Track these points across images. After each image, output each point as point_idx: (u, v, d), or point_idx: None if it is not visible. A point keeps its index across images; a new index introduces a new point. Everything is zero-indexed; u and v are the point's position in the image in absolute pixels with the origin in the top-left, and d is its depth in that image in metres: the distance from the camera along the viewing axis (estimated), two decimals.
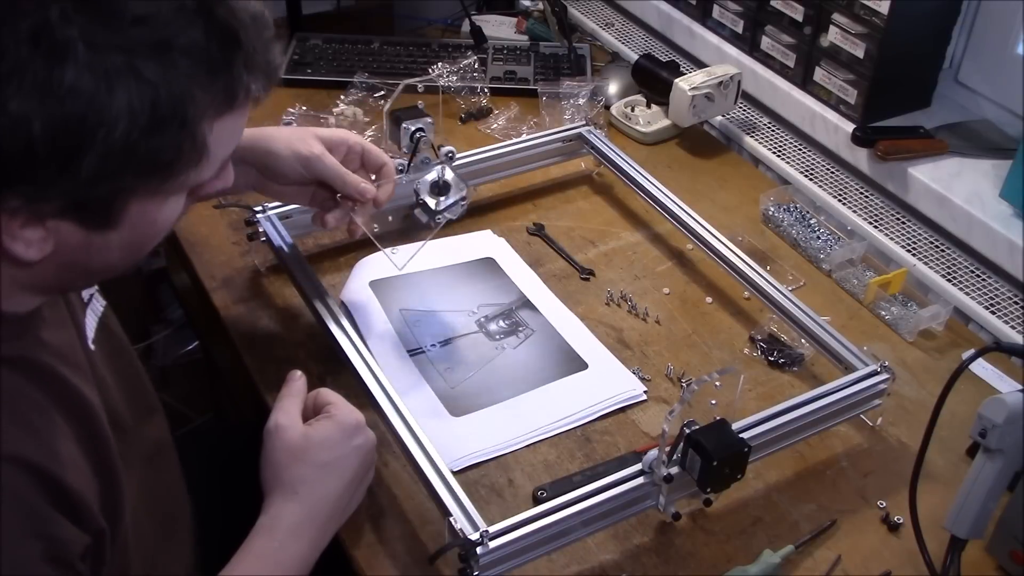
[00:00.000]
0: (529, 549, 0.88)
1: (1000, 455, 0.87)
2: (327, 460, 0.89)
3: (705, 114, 1.50)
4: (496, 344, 1.16)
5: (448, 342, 1.16)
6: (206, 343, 1.91)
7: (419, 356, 1.14)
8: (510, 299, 1.22)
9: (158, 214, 0.70)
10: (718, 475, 0.91)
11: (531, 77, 1.64)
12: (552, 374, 1.12)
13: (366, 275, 1.23)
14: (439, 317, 1.19)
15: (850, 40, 1.38)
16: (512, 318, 1.19)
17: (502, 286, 1.24)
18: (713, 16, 1.63)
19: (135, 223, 0.68)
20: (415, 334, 1.16)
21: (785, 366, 1.16)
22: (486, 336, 1.17)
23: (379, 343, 1.15)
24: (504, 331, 1.18)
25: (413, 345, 1.15)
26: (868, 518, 1.00)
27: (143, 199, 0.67)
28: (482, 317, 1.19)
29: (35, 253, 0.65)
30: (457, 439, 1.04)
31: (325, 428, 0.90)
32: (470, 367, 1.12)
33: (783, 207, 1.37)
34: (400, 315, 1.18)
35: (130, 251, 0.71)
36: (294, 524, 0.86)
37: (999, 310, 1.23)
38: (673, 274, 1.29)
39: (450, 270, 1.26)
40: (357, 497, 0.93)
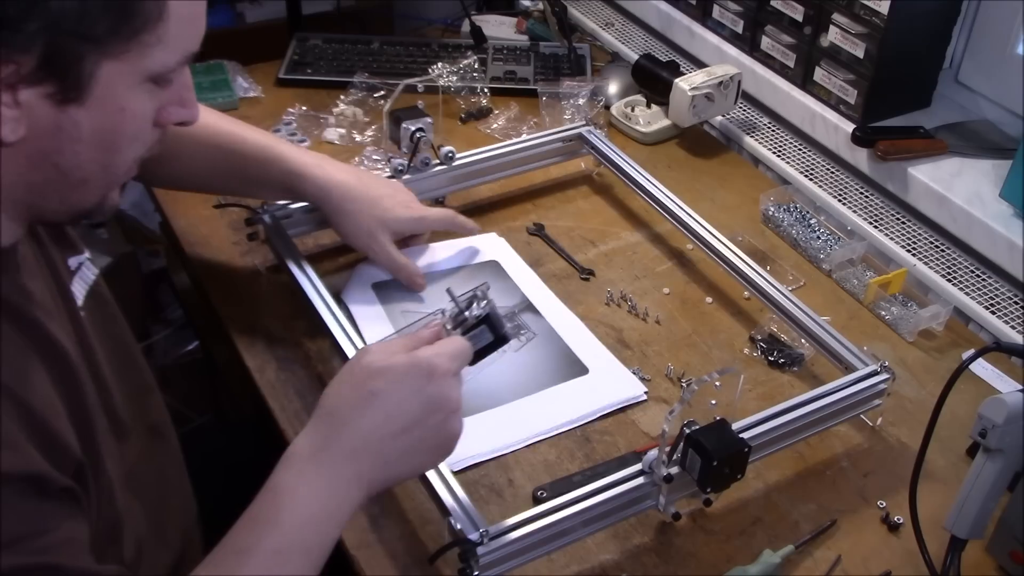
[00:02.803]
0: (529, 549, 0.88)
1: (1000, 455, 0.87)
2: (378, 389, 0.78)
3: (705, 114, 1.50)
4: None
5: None
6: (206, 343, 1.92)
7: None
8: (513, 302, 1.21)
9: (125, 99, 0.70)
10: (718, 475, 0.91)
11: (531, 77, 1.64)
12: (553, 378, 1.11)
13: (369, 277, 1.23)
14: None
15: (850, 40, 1.38)
16: (514, 321, 1.18)
17: (506, 290, 1.23)
18: (713, 16, 1.64)
19: (103, 101, 0.69)
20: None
21: (785, 366, 1.16)
22: None
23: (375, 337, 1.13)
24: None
25: None
26: (868, 518, 1.00)
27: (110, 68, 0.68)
28: None
29: (10, 133, 0.66)
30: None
31: (398, 358, 0.80)
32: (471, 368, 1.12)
33: (783, 207, 1.37)
34: (402, 317, 1.18)
35: (100, 147, 0.71)
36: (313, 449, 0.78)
37: (999, 310, 1.23)
38: (673, 274, 1.29)
39: (454, 273, 1.25)
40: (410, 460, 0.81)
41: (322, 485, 0.77)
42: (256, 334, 1.17)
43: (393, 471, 0.80)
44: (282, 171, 1.14)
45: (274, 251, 1.21)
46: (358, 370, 0.80)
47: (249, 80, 1.61)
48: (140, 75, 0.70)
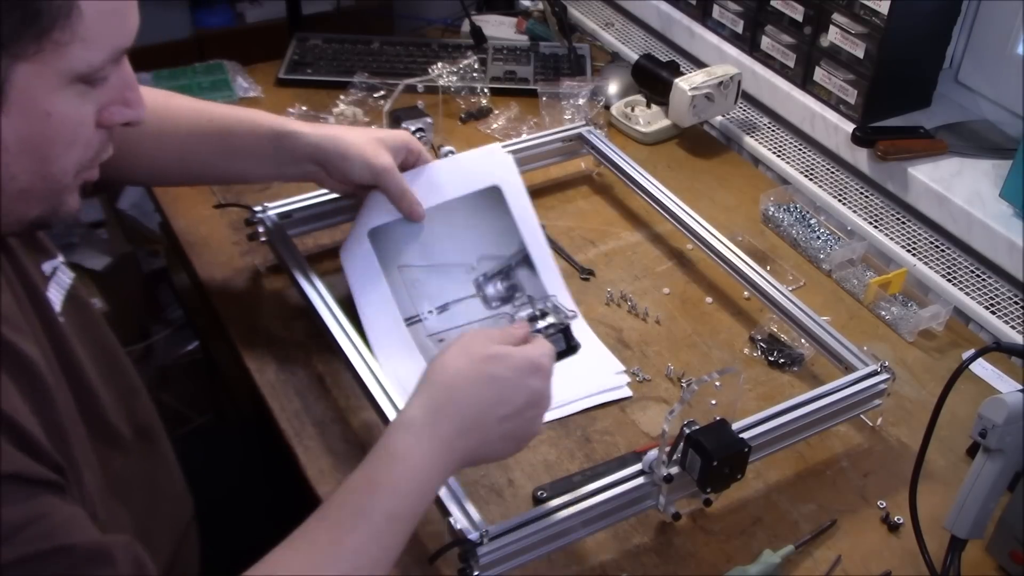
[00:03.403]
0: (529, 549, 0.88)
1: (1000, 455, 0.87)
2: (501, 376, 0.82)
3: (705, 114, 1.50)
4: (491, 313, 1.15)
5: (445, 308, 1.15)
6: (206, 343, 1.92)
7: (416, 326, 1.13)
8: (510, 251, 1.18)
9: (50, 103, 0.68)
10: (718, 475, 0.91)
11: (531, 77, 1.64)
12: None
13: (366, 224, 1.15)
14: (439, 275, 1.16)
15: (850, 40, 1.38)
16: (510, 279, 1.16)
17: (504, 231, 1.19)
18: (713, 16, 1.64)
19: (24, 108, 0.67)
20: (412, 297, 1.14)
21: (785, 366, 1.16)
22: (483, 302, 1.16)
23: (374, 311, 1.12)
24: (501, 296, 1.16)
25: (410, 312, 1.14)
26: (868, 518, 1.00)
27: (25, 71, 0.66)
28: (481, 276, 1.17)
29: None
30: None
31: (513, 351, 0.84)
32: None
33: (783, 207, 1.37)
34: (398, 274, 1.15)
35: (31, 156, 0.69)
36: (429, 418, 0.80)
37: (999, 310, 1.23)
38: (673, 274, 1.29)
39: (453, 208, 1.18)
40: (501, 446, 0.84)
41: (435, 454, 0.79)
42: (256, 334, 1.17)
43: (485, 452, 0.84)
44: (269, 135, 1.09)
45: (274, 251, 1.21)
46: (474, 352, 0.83)
47: (249, 80, 1.62)
48: (62, 76, 0.68)
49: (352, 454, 1.02)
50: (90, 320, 0.90)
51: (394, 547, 0.78)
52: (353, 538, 0.75)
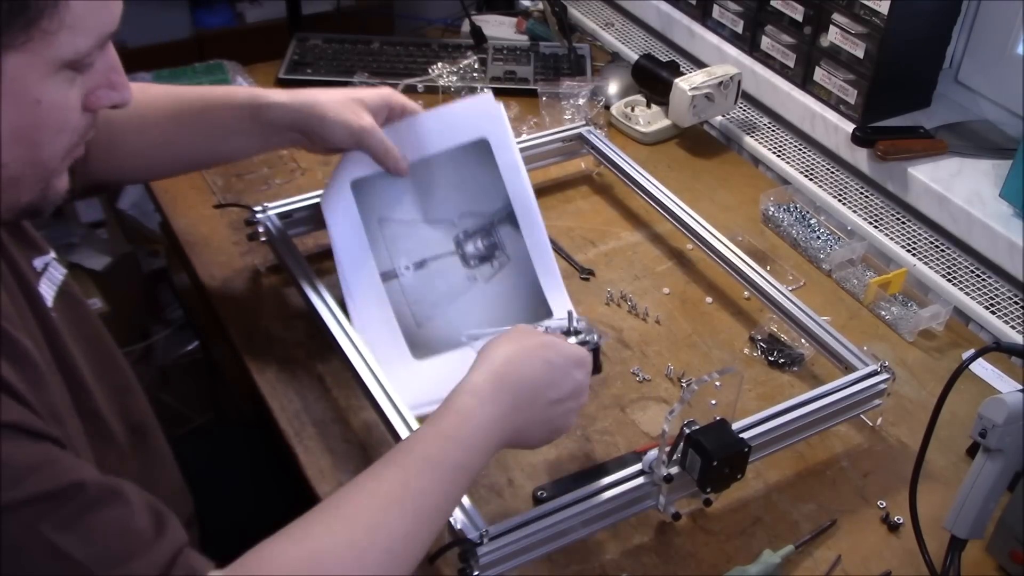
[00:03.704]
0: (529, 549, 0.88)
1: (1000, 455, 0.87)
2: (553, 362, 0.88)
3: (705, 114, 1.50)
4: (469, 273, 1.13)
5: (423, 264, 1.13)
6: (206, 343, 1.92)
7: (392, 283, 1.12)
8: (494, 207, 1.14)
9: (40, 90, 0.69)
10: (718, 475, 0.91)
11: (531, 77, 1.64)
12: (519, 319, 1.06)
13: (348, 173, 1.13)
14: (419, 230, 1.14)
15: (850, 40, 1.38)
16: (491, 237, 1.13)
17: (489, 186, 1.14)
18: (713, 16, 1.64)
19: (14, 96, 0.67)
20: (390, 252, 1.12)
21: (785, 366, 1.16)
22: (461, 261, 1.13)
23: (352, 264, 1.11)
24: (480, 255, 1.13)
25: (387, 266, 1.12)
26: (868, 518, 1.00)
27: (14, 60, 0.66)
28: (461, 233, 1.14)
29: None
30: (417, 385, 1.03)
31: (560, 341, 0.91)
32: (439, 301, 1.09)
33: (783, 207, 1.37)
34: (378, 227, 1.13)
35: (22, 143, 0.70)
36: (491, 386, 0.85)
37: (999, 310, 1.23)
38: (673, 274, 1.29)
39: (438, 162, 1.15)
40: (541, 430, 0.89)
41: (495, 420, 0.84)
42: (256, 334, 1.17)
43: (528, 434, 0.88)
44: (247, 108, 1.08)
45: (274, 251, 1.21)
46: (529, 339, 0.89)
47: (249, 80, 1.62)
48: (51, 64, 0.69)
49: (352, 454, 1.02)
50: (83, 317, 0.90)
51: (455, 497, 0.82)
52: (420, 481, 0.78)
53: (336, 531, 0.73)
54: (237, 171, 1.42)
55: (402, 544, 0.75)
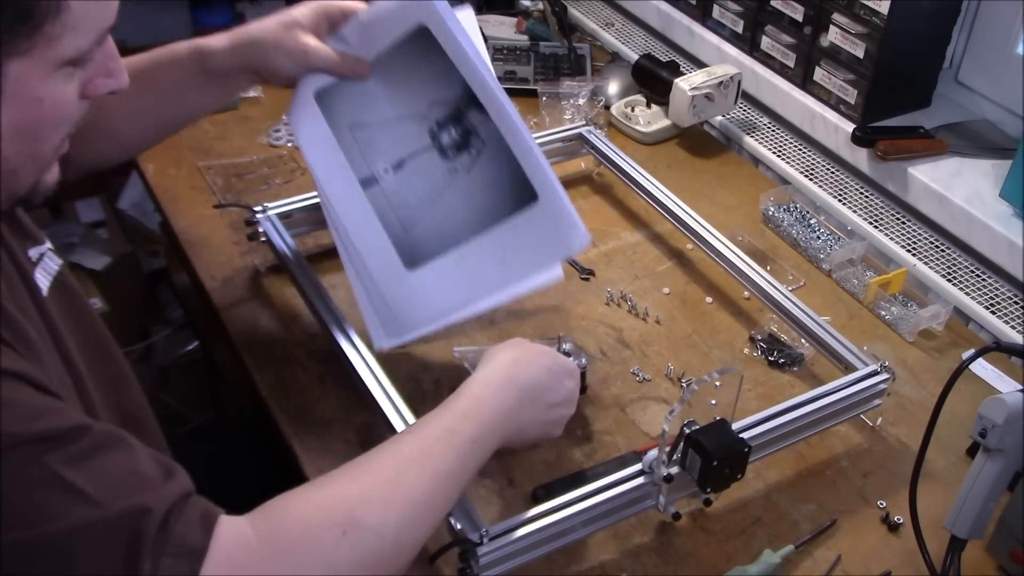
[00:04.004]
0: (529, 549, 0.88)
1: (1000, 455, 0.87)
2: (552, 367, 0.94)
3: (705, 114, 1.50)
4: (449, 166, 1.06)
5: (401, 165, 1.08)
6: (206, 343, 1.92)
7: (373, 189, 1.08)
8: (457, 92, 1.04)
9: (42, 89, 0.70)
10: (718, 475, 0.91)
11: (531, 77, 1.64)
12: (504, 208, 1.02)
13: (310, 85, 1.09)
14: (392, 129, 1.08)
15: (850, 40, 1.38)
16: (462, 123, 1.05)
17: (445, 72, 1.05)
18: (713, 16, 1.64)
19: (18, 97, 0.68)
20: (366, 157, 1.08)
21: (785, 366, 1.16)
22: (439, 153, 1.07)
23: (330, 178, 1.08)
24: (456, 144, 1.06)
25: (365, 172, 1.08)
26: (868, 518, 1.00)
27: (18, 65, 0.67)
28: (434, 123, 1.07)
29: None
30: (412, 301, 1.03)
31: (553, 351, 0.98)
32: (423, 200, 1.05)
33: (783, 207, 1.37)
34: (350, 134, 1.08)
35: (23, 139, 0.71)
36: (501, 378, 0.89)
37: (999, 310, 1.23)
38: (673, 274, 1.29)
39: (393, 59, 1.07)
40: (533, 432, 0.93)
41: (504, 411, 0.87)
42: (256, 334, 1.17)
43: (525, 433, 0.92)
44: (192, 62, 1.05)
45: (274, 251, 1.21)
46: (528, 346, 0.94)
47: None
48: (52, 64, 0.70)
49: (352, 454, 1.01)
50: (78, 307, 0.91)
51: (470, 469, 0.83)
52: (438, 447, 0.81)
53: (360, 481, 0.76)
54: (237, 171, 1.42)
55: (424, 499, 0.77)
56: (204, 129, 1.52)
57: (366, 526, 0.72)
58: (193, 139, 1.49)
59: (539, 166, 1.00)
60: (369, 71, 1.06)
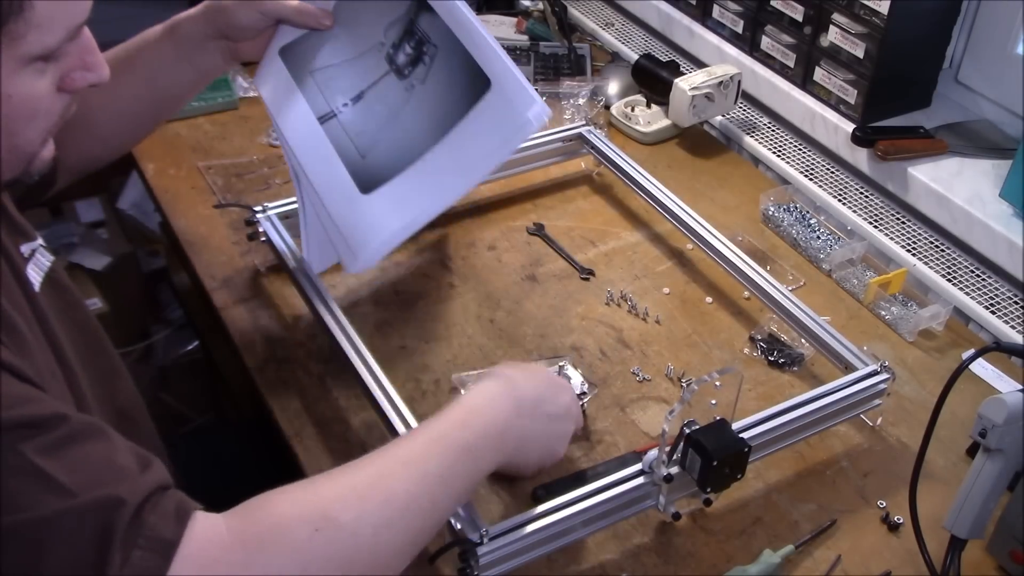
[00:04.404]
0: (529, 549, 0.88)
1: (1000, 455, 0.87)
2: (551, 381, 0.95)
3: (705, 114, 1.50)
4: (406, 84, 1.04)
5: (360, 97, 1.06)
6: (206, 343, 1.92)
7: (330, 122, 1.06)
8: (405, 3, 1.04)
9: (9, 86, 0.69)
10: (718, 475, 0.91)
11: (531, 77, 1.64)
12: (460, 107, 0.99)
13: (276, 43, 1.09)
14: (351, 66, 1.07)
15: (850, 40, 1.38)
16: (415, 34, 1.04)
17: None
18: (713, 16, 1.63)
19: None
20: (326, 95, 1.06)
21: (785, 366, 1.16)
22: (396, 75, 1.05)
23: (292, 123, 1.06)
24: (411, 59, 1.04)
25: (324, 109, 1.06)
26: (868, 518, 1.00)
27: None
28: (390, 48, 1.05)
29: None
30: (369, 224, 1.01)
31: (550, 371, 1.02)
32: (382, 125, 1.02)
33: (783, 207, 1.37)
34: (311, 79, 1.07)
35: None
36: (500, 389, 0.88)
37: (999, 310, 1.23)
38: (673, 274, 1.29)
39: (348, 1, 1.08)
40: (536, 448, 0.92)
41: (500, 421, 0.85)
42: (256, 334, 1.17)
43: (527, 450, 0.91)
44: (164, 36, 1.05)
45: (274, 251, 1.21)
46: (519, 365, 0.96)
47: (249, 80, 1.61)
48: (19, 61, 0.69)
49: (352, 454, 1.02)
50: (70, 303, 0.91)
51: (462, 475, 0.81)
52: (424, 452, 0.79)
53: (339, 481, 0.75)
54: (237, 171, 1.42)
55: (404, 501, 0.75)
56: (204, 129, 1.52)
57: (340, 524, 0.71)
58: (193, 139, 1.49)
59: (490, 51, 0.99)
60: (333, 21, 1.06)
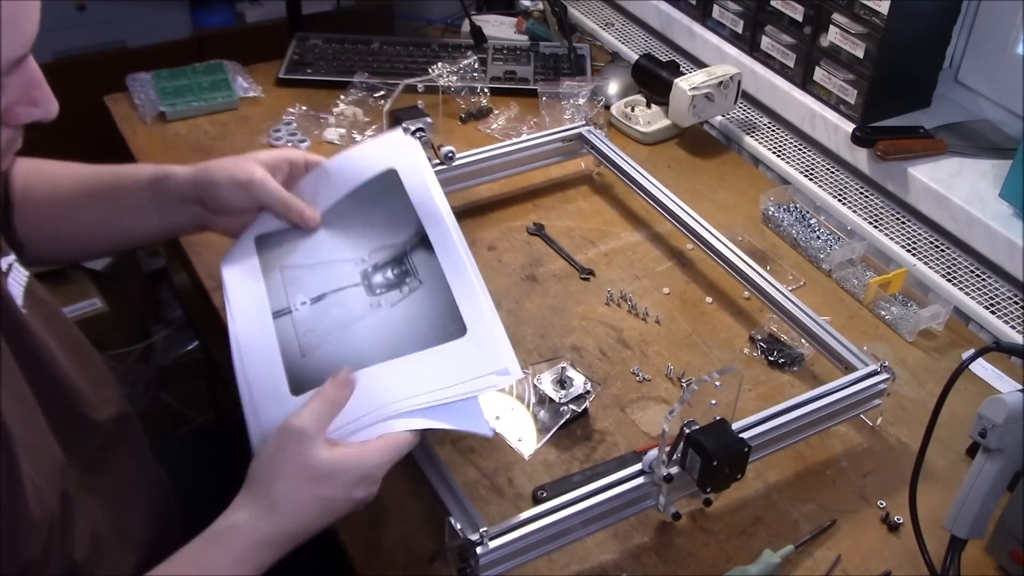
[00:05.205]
0: (529, 549, 0.88)
1: (1000, 455, 0.87)
2: (327, 496, 0.81)
3: (705, 114, 1.50)
4: (373, 300, 0.98)
5: (321, 298, 0.99)
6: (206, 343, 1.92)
7: (283, 319, 0.98)
8: (406, 235, 1.01)
9: None
10: (718, 475, 0.91)
11: (531, 77, 1.65)
12: (423, 340, 0.93)
13: (255, 229, 1.05)
14: (321, 269, 1.02)
15: (850, 40, 1.38)
16: (402, 265, 1.00)
17: (400, 212, 1.02)
18: (713, 16, 1.64)
19: None
20: (288, 292, 1.00)
21: (785, 366, 1.16)
22: (366, 290, 0.99)
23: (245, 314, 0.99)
24: (388, 283, 0.99)
25: (281, 305, 0.99)
26: (868, 518, 1.00)
27: None
28: (370, 267, 1.01)
29: None
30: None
31: (345, 463, 0.82)
32: (332, 328, 0.96)
33: (783, 207, 1.37)
34: (279, 274, 1.02)
35: None
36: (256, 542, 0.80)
37: (999, 310, 1.23)
38: (673, 274, 1.29)
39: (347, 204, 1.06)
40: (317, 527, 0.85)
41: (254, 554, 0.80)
42: None
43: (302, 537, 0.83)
44: (148, 181, 1.03)
45: None
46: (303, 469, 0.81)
47: (249, 80, 1.62)
48: None
49: None
50: (52, 314, 0.91)
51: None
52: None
53: None
54: None
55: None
56: (204, 129, 1.52)
57: None
58: (193, 139, 1.49)
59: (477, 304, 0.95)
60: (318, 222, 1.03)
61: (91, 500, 0.87)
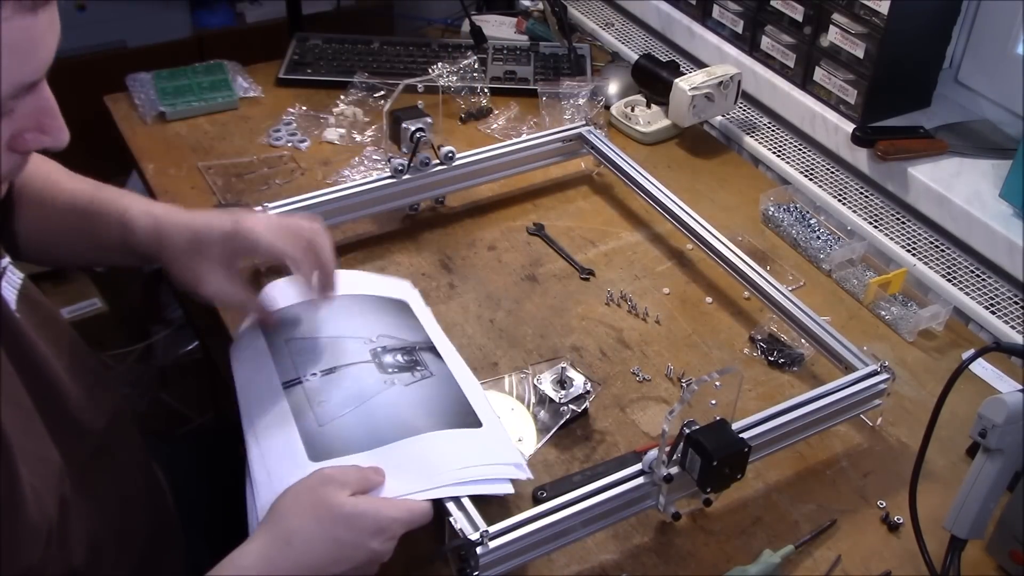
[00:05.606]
0: (529, 549, 0.88)
1: (1000, 455, 0.87)
2: (343, 539, 0.82)
3: (705, 114, 1.50)
4: (386, 378, 0.99)
5: (332, 371, 1.00)
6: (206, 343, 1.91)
7: (295, 387, 0.98)
8: (415, 338, 1.06)
9: None
10: (718, 475, 0.91)
11: (531, 77, 1.65)
12: (441, 422, 0.96)
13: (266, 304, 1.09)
14: (330, 343, 1.03)
15: (850, 40, 1.38)
16: (412, 355, 1.03)
17: (410, 326, 1.09)
18: (713, 16, 1.64)
19: None
20: (296, 363, 1.01)
21: (785, 366, 1.16)
22: (378, 368, 1.00)
23: (249, 376, 1.01)
24: (399, 366, 1.01)
25: (291, 375, 1.00)
26: (868, 518, 1.00)
27: None
28: (379, 347, 1.03)
29: None
30: None
31: (364, 509, 0.83)
32: (347, 401, 0.96)
33: (783, 207, 1.37)
34: (284, 346, 1.03)
35: None
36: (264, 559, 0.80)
37: (999, 310, 1.23)
38: (673, 274, 1.29)
39: (359, 299, 1.11)
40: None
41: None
42: None
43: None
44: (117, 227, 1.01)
45: None
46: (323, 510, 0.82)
47: (249, 80, 1.62)
48: None
49: None
50: (48, 317, 0.90)
51: None
52: None
53: None
54: (237, 171, 1.42)
55: None
56: (204, 129, 1.52)
57: None
58: (193, 139, 1.50)
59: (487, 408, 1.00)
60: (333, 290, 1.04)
61: (88, 503, 0.87)
